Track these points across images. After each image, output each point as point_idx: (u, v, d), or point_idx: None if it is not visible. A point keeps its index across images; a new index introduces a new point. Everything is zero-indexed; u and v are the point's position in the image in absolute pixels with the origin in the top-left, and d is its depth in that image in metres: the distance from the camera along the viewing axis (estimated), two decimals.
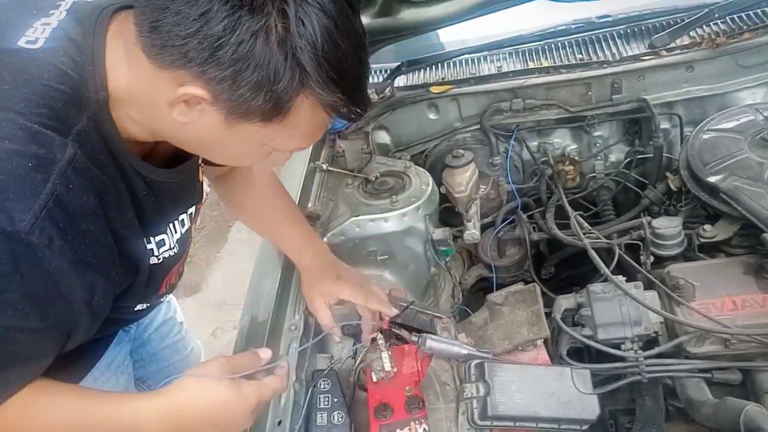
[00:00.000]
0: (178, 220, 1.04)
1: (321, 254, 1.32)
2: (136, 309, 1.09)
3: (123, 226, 0.86)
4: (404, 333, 1.13)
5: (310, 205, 1.59)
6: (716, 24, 1.65)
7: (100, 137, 0.81)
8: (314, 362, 1.27)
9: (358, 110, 0.84)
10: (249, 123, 0.80)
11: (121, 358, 1.30)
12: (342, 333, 1.27)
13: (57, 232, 0.75)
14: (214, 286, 3.43)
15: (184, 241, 1.08)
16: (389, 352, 1.17)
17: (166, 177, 0.94)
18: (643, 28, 1.73)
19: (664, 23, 1.71)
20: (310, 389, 1.16)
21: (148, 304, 1.12)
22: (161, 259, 1.00)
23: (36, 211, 0.73)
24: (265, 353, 1.04)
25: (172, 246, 1.02)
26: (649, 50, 1.64)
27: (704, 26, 1.65)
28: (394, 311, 1.25)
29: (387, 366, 1.14)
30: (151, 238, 0.97)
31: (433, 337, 1.11)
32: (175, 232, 1.03)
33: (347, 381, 1.21)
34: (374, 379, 1.14)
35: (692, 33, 1.65)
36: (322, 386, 1.16)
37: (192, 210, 1.09)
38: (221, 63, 0.73)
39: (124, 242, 0.87)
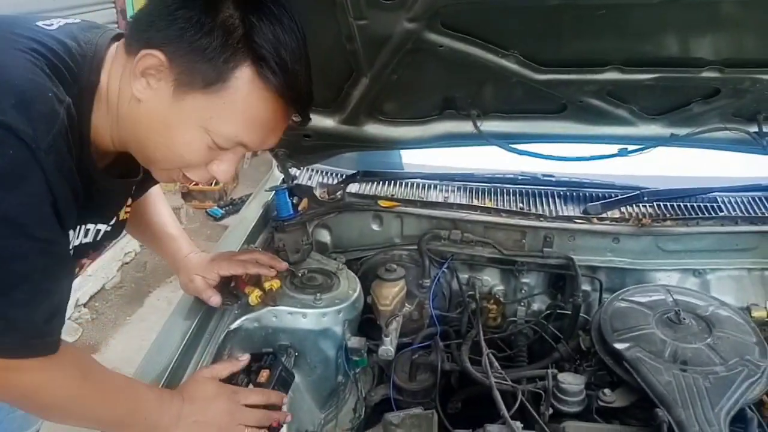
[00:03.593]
0: (85, 225, 1.05)
1: (197, 251, 1.45)
2: None
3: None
4: None
5: (233, 284, 1.55)
6: (644, 206, 1.81)
7: (75, 115, 0.87)
8: None
9: (300, 106, 1.00)
10: (193, 93, 0.90)
11: None
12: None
13: (61, 163, 0.82)
14: (114, 350, 3.21)
15: (78, 253, 1.07)
16: None
17: (103, 179, 0.99)
18: (579, 194, 1.87)
19: (599, 195, 1.87)
20: None
21: None
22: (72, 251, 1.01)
23: (55, 136, 0.81)
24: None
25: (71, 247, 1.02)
26: (582, 215, 1.76)
27: (634, 205, 1.80)
28: (282, 264, 1.49)
29: None
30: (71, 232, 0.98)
31: None
32: (76, 238, 1.03)
33: None
34: None
35: (622, 209, 1.79)
36: None
37: (101, 228, 1.10)
38: (181, 27, 0.88)
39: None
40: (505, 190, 1.90)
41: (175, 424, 1.06)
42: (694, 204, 1.81)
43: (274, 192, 1.73)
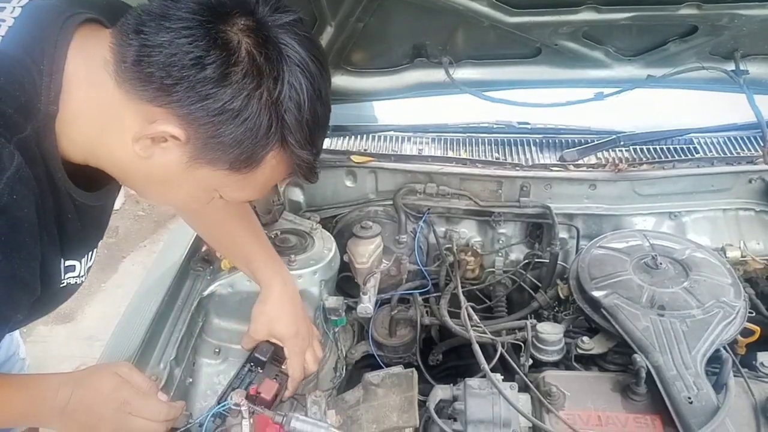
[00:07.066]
0: (96, 248, 1.01)
1: (286, 292, 1.29)
2: None
3: (46, 243, 0.83)
4: (268, 412, 1.08)
5: (204, 248, 1.51)
6: (621, 151, 1.78)
7: (38, 150, 0.77)
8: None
9: (316, 172, 0.91)
10: (212, 170, 0.82)
11: None
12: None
13: (21, 206, 0.74)
14: (90, 318, 3.16)
15: (89, 271, 1.03)
16: (251, 420, 1.10)
17: (92, 200, 0.91)
18: (556, 141, 1.84)
19: (575, 140, 1.83)
20: None
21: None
22: (65, 284, 0.95)
23: (6, 184, 0.71)
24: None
25: (81, 274, 0.98)
26: (558, 162, 1.73)
27: (610, 150, 1.78)
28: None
29: None
30: (63, 261, 0.92)
31: (300, 417, 1.05)
32: (90, 260, 1.00)
33: None
34: None
35: (599, 155, 1.77)
36: None
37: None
38: (209, 110, 0.75)
39: (44, 260, 0.84)
40: (480, 140, 1.86)
41: (58, 415, 0.95)
42: (670, 146, 1.79)
43: None
